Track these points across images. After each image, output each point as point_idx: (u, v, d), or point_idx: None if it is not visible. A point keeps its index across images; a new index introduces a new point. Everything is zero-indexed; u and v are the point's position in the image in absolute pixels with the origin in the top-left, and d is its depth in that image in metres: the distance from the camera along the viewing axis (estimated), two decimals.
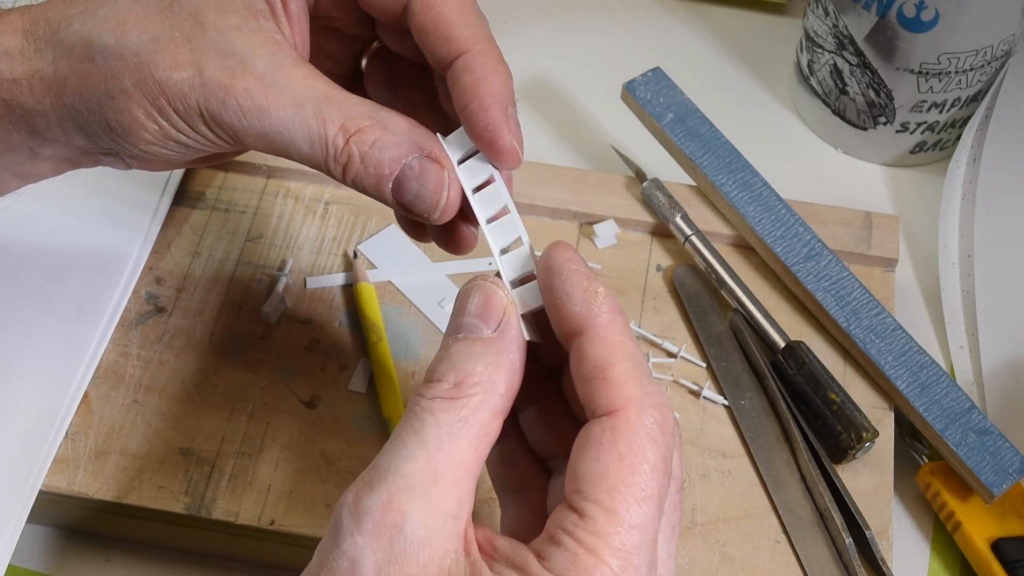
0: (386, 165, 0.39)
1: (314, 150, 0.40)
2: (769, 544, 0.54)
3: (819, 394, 0.57)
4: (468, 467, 0.35)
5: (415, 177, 0.40)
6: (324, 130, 0.39)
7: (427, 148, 0.40)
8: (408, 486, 0.34)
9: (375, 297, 0.60)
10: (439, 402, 0.36)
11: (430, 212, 0.40)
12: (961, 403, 0.57)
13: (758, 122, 0.75)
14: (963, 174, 0.68)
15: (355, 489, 0.35)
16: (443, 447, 0.35)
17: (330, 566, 0.34)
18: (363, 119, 0.40)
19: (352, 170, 0.40)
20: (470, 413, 0.36)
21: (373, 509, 0.34)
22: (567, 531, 0.34)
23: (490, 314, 0.38)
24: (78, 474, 0.55)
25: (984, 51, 0.65)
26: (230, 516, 0.54)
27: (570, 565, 0.34)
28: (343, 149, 0.39)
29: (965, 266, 0.65)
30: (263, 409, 0.57)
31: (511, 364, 0.37)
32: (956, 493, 0.56)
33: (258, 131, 0.39)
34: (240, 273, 0.62)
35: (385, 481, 0.34)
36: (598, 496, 0.34)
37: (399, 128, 0.40)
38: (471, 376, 0.36)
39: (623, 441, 0.35)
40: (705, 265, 0.62)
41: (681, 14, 0.81)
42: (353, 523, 0.34)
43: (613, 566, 0.34)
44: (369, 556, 0.33)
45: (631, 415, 0.35)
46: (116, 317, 0.60)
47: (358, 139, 0.39)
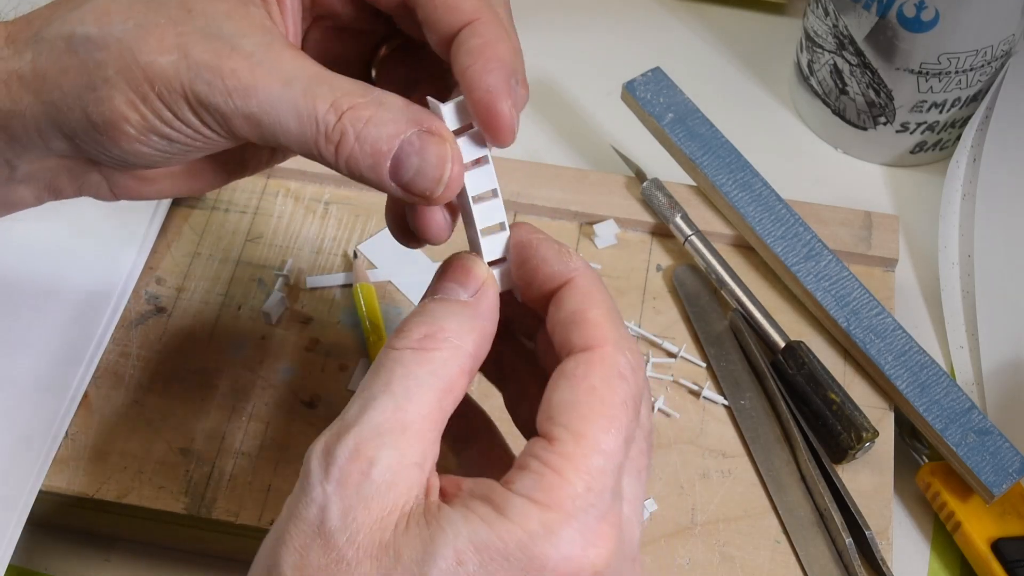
0: (383, 141, 0.37)
1: (303, 129, 0.37)
2: (769, 544, 0.54)
3: (819, 394, 0.57)
4: (434, 419, 0.36)
5: (415, 152, 0.37)
6: (314, 107, 0.37)
7: (426, 123, 0.38)
8: (376, 434, 0.35)
9: (375, 297, 0.60)
10: (409, 352, 0.36)
11: (432, 189, 0.38)
12: (961, 403, 0.57)
13: (758, 122, 0.75)
14: (963, 174, 0.68)
15: (324, 439, 0.35)
16: (411, 397, 0.35)
17: (299, 514, 0.34)
18: (356, 96, 0.38)
19: (346, 150, 0.37)
20: (438, 366, 0.36)
21: (341, 456, 0.34)
22: (535, 455, 0.35)
23: (469, 281, 0.38)
24: (78, 474, 0.55)
25: (984, 51, 0.65)
26: (230, 516, 0.54)
27: (535, 485, 0.34)
28: (335, 126, 0.37)
29: (965, 266, 0.65)
30: (263, 409, 0.57)
31: (483, 329, 0.38)
32: (956, 493, 0.56)
33: (245, 112, 0.38)
34: (240, 273, 0.62)
35: (353, 429, 0.35)
36: (568, 421, 0.35)
37: (395, 105, 0.38)
38: (442, 331, 0.37)
39: (596, 374, 0.36)
40: (705, 265, 0.62)
41: (681, 14, 0.81)
42: (322, 471, 0.34)
43: (577, 487, 0.34)
44: (336, 502, 0.34)
45: (606, 352, 0.36)
46: (116, 317, 0.60)
47: (352, 116, 0.37)
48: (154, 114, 0.39)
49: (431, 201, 0.38)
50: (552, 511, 0.34)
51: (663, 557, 0.53)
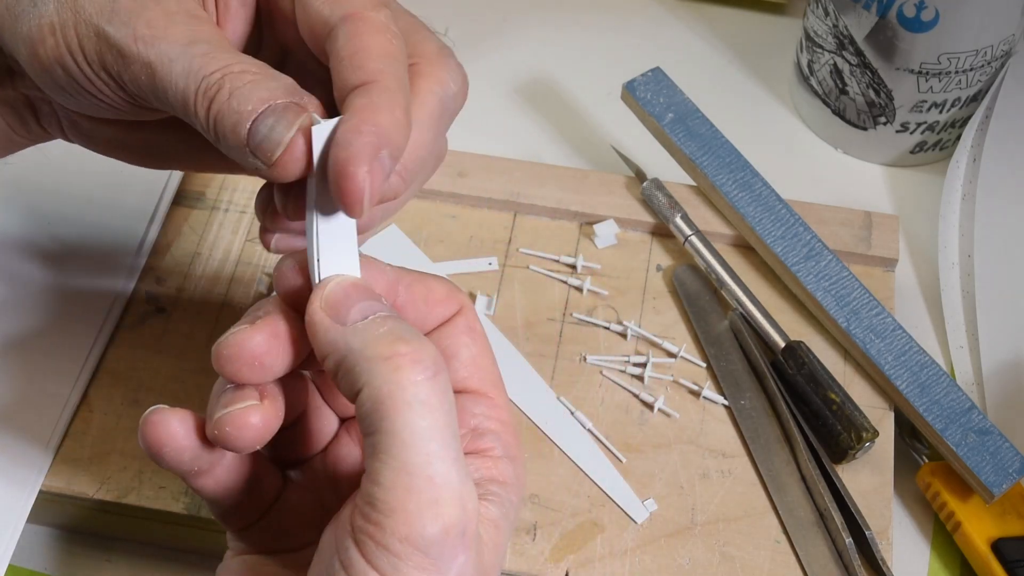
0: (252, 102, 0.36)
1: (188, 83, 0.37)
2: (769, 544, 0.54)
3: (819, 394, 0.57)
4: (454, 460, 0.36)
5: (274, 116, 0.36)
6: (204, 66, 0.37)
7: (304, 100, 0.37)
8: None
9: None
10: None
11: (268, 155, 0.36)
12: (961, 403, 0.57)
13: (758, 122, 0.75)
14: (963, 174, 0.68)
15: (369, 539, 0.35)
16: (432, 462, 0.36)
17: None
18: (251, 66, 0.37)
19: (216, 105, 0.36)
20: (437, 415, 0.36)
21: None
22: None
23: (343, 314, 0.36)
24: (78, 474, 0.55)
25: (984, 51, 0.65)
26: None
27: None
28: (215, 83, 0.37)
29: (965, 266, 0.65)
30: None
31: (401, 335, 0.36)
32: (956, 493, 0.56)
33: (144, 58, 0.37)
34: (240, 273, 0.62)
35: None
36: None
37: (286, 80, 0.38)
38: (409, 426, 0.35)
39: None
40: (705, 265, 0.62)
41: (681, 14, 0.81)
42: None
43: None
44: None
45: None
46: (116, 317, 0.60)
47: (235, 77, 0.37)
48: (65, 43, 0.39)
49: (271, 170, 0.37)
50: None
51: (663, 557, 0.53)
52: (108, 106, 0.40)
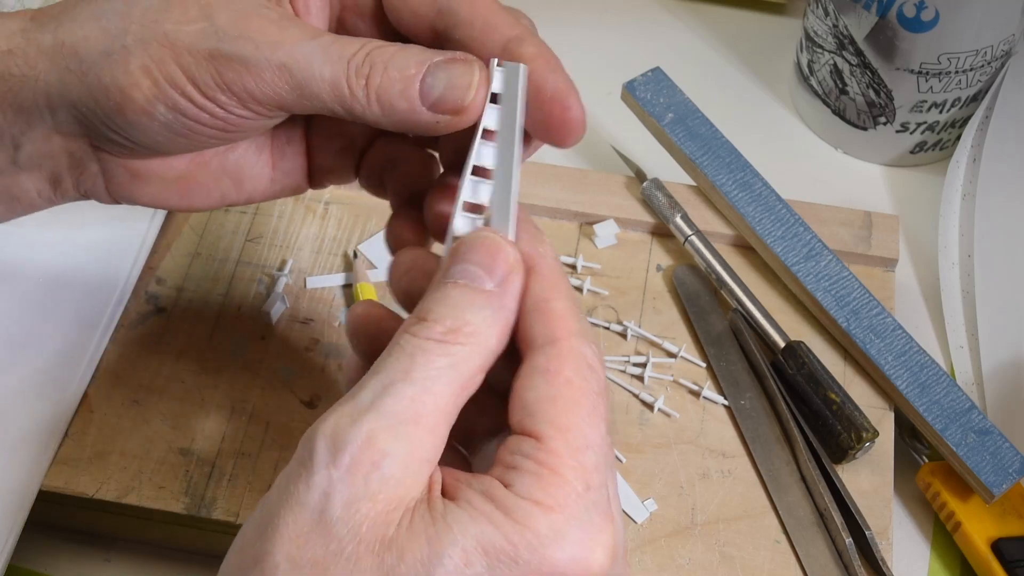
0: (412, 65, 0.38)
1: (335, 69, 0.38)
2: (769, 544, 0.54)
3: (819, 394, 0.57)
4: (447, 413, 0.35)
5: (442, 69, 0.38)
6: (343, 49, 0.38)
7: (449, 54, 0.39)
8: (391, 424, 0.33)
9: (375, 297, 0.60)
10: (432, 344, 0.35)
11: (463, 97, 0.38)
12: (961, 403, 0.57)
13: (758, 122, 0.75)
14: (963, 174, 0.68)
15: (332, 420, 0.34)
16: (429, 389, 0.34)
17: (298, 499, 0.33)
18: (380, 42, 0.39)
19: (376, 79, 0.38)
20: (460, 360, 0.35)
21: (352, 443, 0.33)
22: (526, 455, 0.34)
23: (496, 268, 0.37)
24: (78, 474, 0.55)
25: (984, 51, 0.65)
26: (230, 516, 0.54)
27: (536, 485, 0.33)
28: (364, 61, 0.38)
29: (965, 266, 0.65)
30: (263, 409, 0.57)
31: (506, 322, 0.37)
32: (956, 493, 0.56)
33: (276, 62, 0.38)
34: (240, 273, 0.62)
35: (366, 416, 0.33)
36: (552, 418, 0.34)
37: (417, 46, 0.39)
38: (467, 325, 0.35)
39: (569, 366, 0.35)
40: (705, 265, 0.62)
41: (681, 14, 0.81)
42: (329, 455, 0.33)
43: (576, 486, 0.34)
44: (342, 490, 0.33)
45: (573, 344, 0.36)
46: (116, 317, 0.60)
47: (379, 51, 0.38)
48: (167, 80, 0.38)
49: (461, 115, 0.38)
50: (557, 512, 0.33)
51: (663, 557, 0.53)
52: (215, 131, 0.40)
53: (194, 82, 0.39)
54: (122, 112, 0.39)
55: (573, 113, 0.39)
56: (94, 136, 0.41)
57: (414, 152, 0.45)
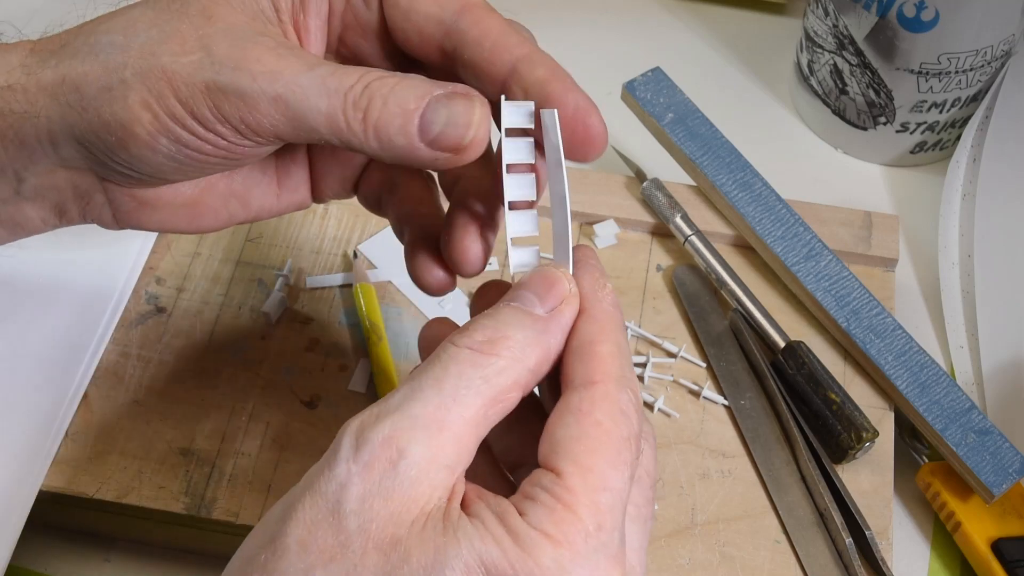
0: (411, 100, 0.37)
1: (331, 102, 0.38)
2: (769, 544, 0.54)
3: (819, 394, 0.57)
4: (475, 424, 0.35)
5: (444, 106, 0.38)
6: (341, 82, 0.38)
7: (450, 87, 0.38)
8: (413, 427, 0.34)
9: (375, 297, 0.60)
10: (467, 352, 0.36)
11: (462, 135, 0.38)
12: (961, 403, 0.57)
13: (758, 122, 0.75)
14: (963, 174, 0.68)
15: (361, 418, 0.35)
16: (458, 398, 0.35)
17: (318, 488, 0.34)
18: (381, 72, 0.38)
19: (374, 114, 0.38)
20: (494, 374, 0.35)
21: (373, 441, 0.34)
22: (544, 488, 0.35)
23: (549, 295, 0.38)
24: (78, 474, 0.55)
25: (984, 51, 0.65)
26: (230, 516, 0.54)
27: (547, 518, 0.34)
28: (363, 94, 0.38)
29: (965, 266, 0.65)
30: (263, 409, 0.57)
31: (548, 347, 0.37)
32: (956, 493, 0.56)
33: (272, 93, 0.38)
34: (240, 273, 0.62)
35: (391, 416, 0.34)
36: (576, 456, 0.35)
37: (419, 77, 0.39)
38: (506, 339, 0.36)
39: (600, 410, 0.36)
40: (705, 265, 0.62)
41: (681, 14, 0.81)
42: (351, 450, 0.34)
43: (588, 524, 0.34)
44: (357, 484, 0.33)
45: (610, 388, 0.36)
46: (116, 317, 0.60)
47: (378, 84, 0.38)
48: (167, 113, 0.38)
49: (460, 154, 0.38)
50: (563, 548, 0.33)
51: (663, 557, 0.53)
52: (219, 159, 0.40)
53: (193, 114, 0.38)
54: (125, 146, 0.39)
55: (595, 131, 0.40)
56: (99, 168, 0.41)
57: (413, 176, 0.45)
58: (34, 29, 0.44)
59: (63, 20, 0.44)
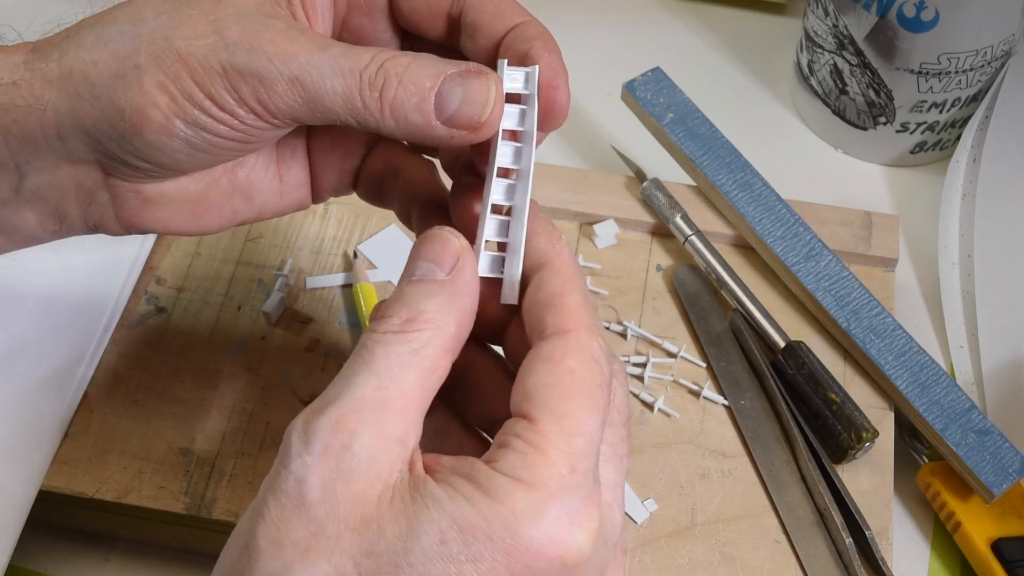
0: (427, 78, 0.38)
1: (347, 82, 0.38)
2: (769, 544, 0.54)
3: (819, 394, 0.57)
4: (416, 397, 0.36)
5: (458, 84, 0.38)
6: (356, 61, 0.38)
7: (463, 65, 0.39)
8: (357, 409, 0.34)
9: (375, 297, 0.60)
10: (390, 335, 0.36)
11: (479, 113, 0.39)
12: (961, 403, 0.57)
13: (758, 122, 0.75)
14: (963, 174, 0.68)
15: (304, 414, 0.35)
16: (392, 376, 0.35)
17: (277, 487, 0.34)
18: (393, 52, 0.39)
19: (390, 92, 0.38)
20: (420, 346, 0.36)
21: (322, 430, 0.34)
22: (516, 435, 0.35)
23: (445, 258, 0.38)
24: (78, 474, 0.55)
25: (984, 51, 0.65)
26: (230, 516, 0.54)
27: (519, 463, 0.34)
28: (378, 73, 0.38)
29: (965, 266, 0.65)
30: (263, 409, 0.57)
31: (463, 306, 0.38)
32: (956, 493, 0.56)
33: (288, 75, 0.38)
34: (240, 273, 0.62)
35: (334, 405, 0.35)
36: (548, 402, 0.35)
37: (431, 56, 0.39)
38: (423, 313, 0.37)
39: (573, 357, 0.36)
40: (705, 265, 0.62)
41: (681, 14, 0.81)
42: (302, 444, 0.34)
43: (561, 467, 0.34)
44: (316, 474, 0.34)
45: (582, 337, 0.37)
46: (116, 317, 0.60)
47: (392, 63, 0.38)
48: (185, 95, 0.38)
49: (476, 131, 0.39)
50: (536, 490, 0.34)
51: (663, 557, 0.53)
52: (234, 143, 0.40)
53: (211, 96, 0.39)
54: (140, 132, 0.39)
55: (559, 93, 0.40)
56: (109, 161, 0.41)
57: (415, 158, 0.45)
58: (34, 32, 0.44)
59: (60, 19, 0.44)
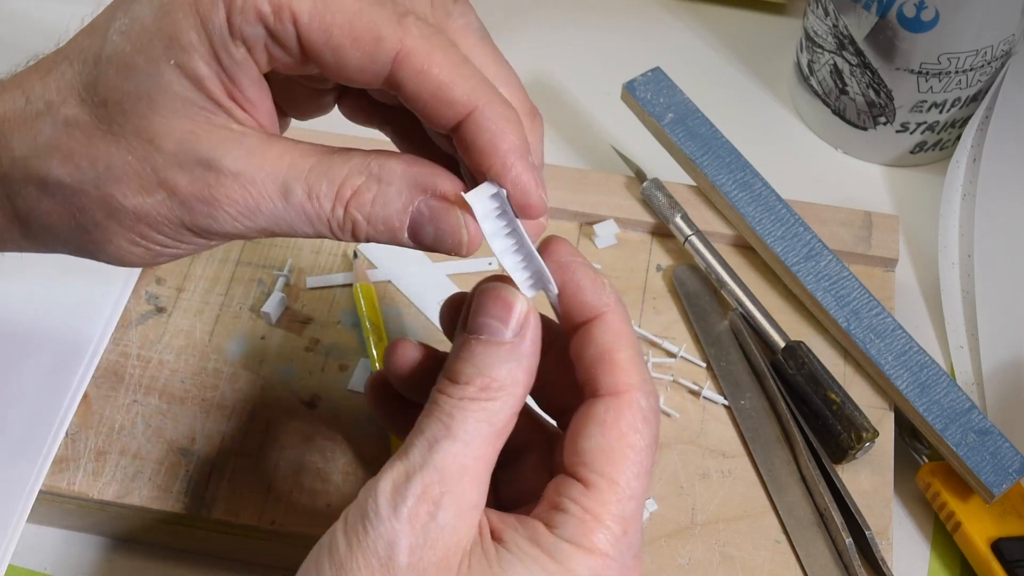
0: (394, 218, 0.38)
1: (318, 229, 0.39)
2: (769, 544, 0.54)
3: (819, 394, 0.57)
4: (488, 461, 0.38)
5: (427, 222, 0.38)
6: (320, 207, 0.38)
7: (430, 187, 0.38)
8: (441, 479, 0.37)
9: (375, 297, 0.60)
10: (467, 403, 0.38)
11: (456, 250, 0.39)
12: (961, 403, 0.57)
13: (758, 122, 0.75)
14: (963, 174, 0.68)
15: (391, 477, 0.37)
16: (470, 444, 0.37)
17: (366, 547, 0.36)
18: (355, 178, 0.38)
19: (361, 233, 0.39)
20: (495, 414, 0.38)
21: (411, 497, 0.36)
22: (573, 500, 0.38)
23: (511, 318, 0.39)
24: (78, 474, 0.55)
25: (984, 51, 0.65)
26: (230, 516, 0.54)
27: (579, 531, 0.37)
28: (345, 218, 0.38)
29: (965, 266, 0.65)
30: (263, 409, 0.57)
31: (530, 368, 0.39)
32: (956, 493, 0.56)
33: (256, 229, 0.38)
34: (240, 273, 0.62)
35: (420, 473, 0.37)
36: (603, 469, 0.38)
37: (395, 174, 0.38)
38: (496, 381, 0.38)
39: (626, 421, 0.39)
40: (705, 265, 0.62)
41: (681, 14, 0.81)
42: (390, 509, 0.36)
43: (615, 531, 0.37)
44: (405, 539, 0.36)
45: (634, 398, 0.39)
46: (116, 317, 0.60)
47: (356, 203, 0.38)
48: (160, 246, 0.39)
49: (461, 251, 0.40)
50: (596, 556, 0.37)
51: (663, 557, 0.53)
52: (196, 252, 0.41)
53: (183, 241, 0.39)
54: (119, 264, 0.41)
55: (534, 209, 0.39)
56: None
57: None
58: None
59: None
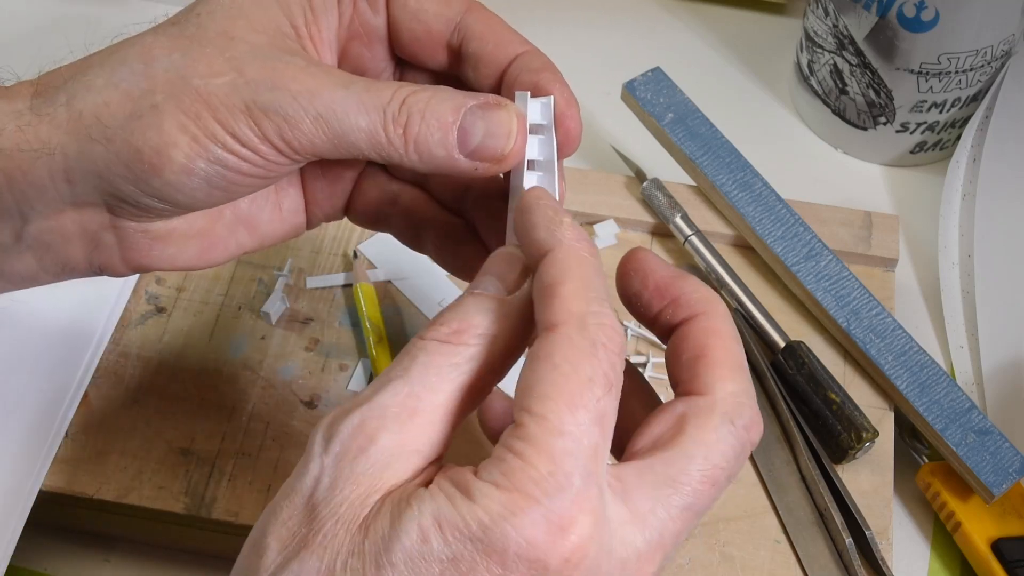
0: (448, 113, 0.39)
1: (372, 119, 0.39)
2: (769, 544, 0.54)
3: (819, 394, 0.57)
4: (448, 411, 0.35)
5: (480, 117, 0.39)
6: (378, 98, 0.39)
7: (483, 98, 0.40)
8: (382, 415, 0.34)
9: (375, 297, 0.60)
10: (434, 343, 0.36)
11: (502, 146, 0.39)
12: (961, 403, 0.57)
13: (758, 122, 0.75)
14: (963, 174, 0.68)
15: (332, 414, 0.35)
16: (428, 386, 0.35)
17: (293, 487, 0.34)
18: (413, 87, 0.40)
19: (413, 128, 0.39)
20: (464, 360, 0.36)
21: (344, 432, 0.34)
22: (502, 443, 0.34)
23: (510, 276, 0.38)
24: (78, 474, 0.55)
25: (984, 51, 0.65)
26: (230, 516, 0.54)
27: (496, 469, 0.33)
28: (401, 108, 0.39)
29: (965, 266, 0.65)
30: (263, 409, 0.57)
31: (516, 327, 0.37)
32: (956, 493, 0.56)
33: (313, 112, 0.38)
34: (240, 273, 0.62)
35: (360, 408, 0.35)
36: (529, 404, 0.34)
37: (451, 89, 0.40)
38: (473, 327, 0.36)
39: (558, 353, 0.34)
40: (705, 265, 0.62)
41: (681, 14, 0.81)
42: (323, 445, 0.34)
43: (540, 468, 0.33)
44: (329, 474, 0.34)
45: (570, 330, 0.35)
46: (116, 317, 0.60)
47: (413, 99, 0.39)
48: (207, 135, 0.38)
49: (500, 163, 0.39)
50: (511, 492, 0.33)
51: None
52: (255, 178, 0.40)
53: (234, 134, 0.38)
54: (159, 173, 0.39)
55: (574, 123, 0.41)
56: (118, 203, 0.40)
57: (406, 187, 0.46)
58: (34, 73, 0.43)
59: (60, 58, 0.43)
